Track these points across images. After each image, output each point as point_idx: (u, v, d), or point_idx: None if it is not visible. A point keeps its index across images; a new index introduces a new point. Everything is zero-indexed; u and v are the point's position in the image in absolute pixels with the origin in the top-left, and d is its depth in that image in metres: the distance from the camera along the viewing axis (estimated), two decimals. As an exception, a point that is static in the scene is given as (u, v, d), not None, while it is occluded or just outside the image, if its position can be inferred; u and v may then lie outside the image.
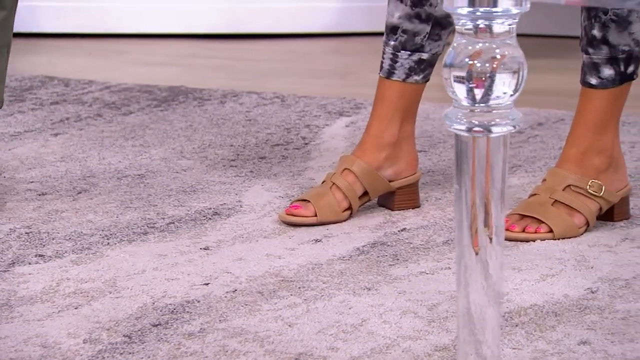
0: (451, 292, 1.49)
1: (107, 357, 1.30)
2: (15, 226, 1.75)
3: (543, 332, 1.37)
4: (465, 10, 1.09)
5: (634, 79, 1.75)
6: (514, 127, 1.13)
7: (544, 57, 3.10)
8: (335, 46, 3.49)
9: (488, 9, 1.09)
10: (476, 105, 1.11)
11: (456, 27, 1.12)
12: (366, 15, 3.65)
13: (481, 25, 1.10)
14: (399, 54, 1.80)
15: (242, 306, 1.45)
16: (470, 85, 1.10)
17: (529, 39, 3.32)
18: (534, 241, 1.68)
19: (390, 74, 1.81)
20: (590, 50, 1.73)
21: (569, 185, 1.73)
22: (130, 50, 3.35)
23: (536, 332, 1.37)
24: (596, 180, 1.74)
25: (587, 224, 1.73)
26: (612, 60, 1.72)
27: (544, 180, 1.77)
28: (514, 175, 2.04)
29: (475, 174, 1.13)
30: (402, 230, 1.75)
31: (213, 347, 1.33)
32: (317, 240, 1.71)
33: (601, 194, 1.73)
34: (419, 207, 1.86)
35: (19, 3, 1.85)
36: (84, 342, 1.34)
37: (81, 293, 1.49)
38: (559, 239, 1.69)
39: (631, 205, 1.82)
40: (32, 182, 1.99)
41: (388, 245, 1.68)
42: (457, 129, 1.12)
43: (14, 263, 1.60)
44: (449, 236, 1.71)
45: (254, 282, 1.53)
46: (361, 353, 1.31)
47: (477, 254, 1.14)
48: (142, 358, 1.30)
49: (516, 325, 1.38)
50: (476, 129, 1.11)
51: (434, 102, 2.42)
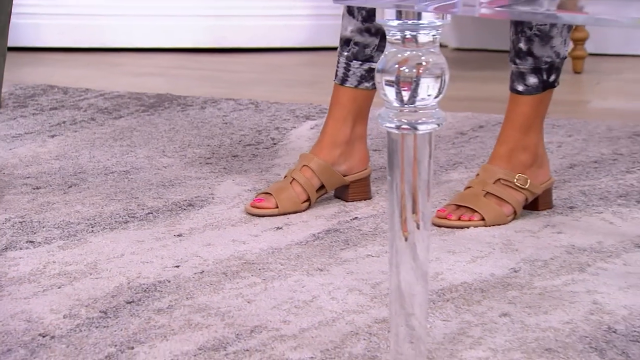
0: None
1: (84, 330, 1.31)
2: (11, 216, 1.75)
3: (470, 306, 1.37)
4: (394, 23, 1.10)
5: (555, 87, 1.76)
6: (438, 125, 1.13)
7: (485, 69, 3.11)
8: (305, 59, 3.49)
9: (414, 21, 1.10)
10: (404, 106, 1.11)
11: (387, 37, 1.13)
12: (334, 32, 3.63)
13: (408, 36, 1.10)
14: (351, 63, 1.80)
15: (208, 285, 1.46)
16: (399, 88, 1.11)
17: (474, 52, 3.35)
18: (468, 228, 1.69)
19: (343, 81, 1.82)
20: (517, 61, 1.74)
21: (499, 179, 1.74)
22: (123, 62, 3.35)
23: (464, 306, 1.38)
24: (522, 175, 1.75)
25: (515, 212, 1.74)
26: (536, 70, 1.74)
27: (478, 174, 1.78)
28: (455, 170, 2.05)
29: (404, 167, 1.14)
30: (353, 219, 1.75)
31: (179, 321, 1.33)
32: (278, 228, 1.71)
33: (527, 186, 1.75)
34: (370, 198, 1.86)
35: (24, 21, 1.85)
36: (64, 317, 1.34)
37: (65, 274, 1.50)
38: (489, 226, 1.70)
39: (554, 196, 1.83)
40: (28, 177, 1.99)
41: (340, 232, 1.69)
42: (388, 127, 1.13)
43: (6, 248, 1.60)
44: (394, 224, 1.72)
45: (219, 265, 1.54)
46: (310, 325, 1.32)
47: (406, 239, 1.15)
48: (116, 331, 1.30)
49: (447, 300, 1.39)
50: (404, 127, 1.12)
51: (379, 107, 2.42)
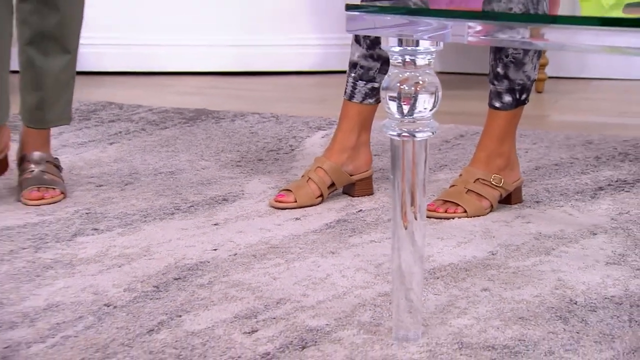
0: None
1: (140, 301, 1.31)
2: (79, 208, 1.74)
3: (457, 283, 1.37)
4: (396, 49, 1.09)
5: (525, 104, 1.75)
6: (432, 133, 1.13)
7: (464, 89, 3.09)
8: (315, 80, 3.47)
9: (412, 47, 1.09)
10: (404, 117, 1.11)
11: (390, 60, 1.12)
12: (338, 58, 3.63)
13: (407, 60, 1.10)
14: (357, 83, 1.79)
15: (240, 265, 1.45)
16: (400, 103, 1.10)
17: (455, 75, 3.35)
18: (453, 219, 1.68)
19: (351, 97, 1.80)
20: (495, 82, 1.73)
21: (478, 179, 1.73)
22: (168, 83, 3.34)
23: (452, 282, 1.37)
24: (497, 175, 1.73)
25: (492, 206, 1.72)
26: (510, 90, 1.72)
27: (460, 175, 1.77)
28: (441, 172, 2.03)
29: (405, 168, 1.13)
30: (359, 211, 1.74)
31: (218, 294, 1.33)
32: (297, 219, 1.70)
33: (501, 184, 1.73)
34: (372, 194, 1.85)
35: (88, 50, 1.85)
36: (124, 291, 1.35)
37: (124, 256, 1.49)
38: (471, 217, 1.68)
39: (523, 193, 1.81)
40: (92, 177, 1.98)
41: (348, 222, 1.67)
42: (391, 135, 1.12)
43: (76, 234, 1.60)
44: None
45: (250, 248, 1.53)
46: (325, 298, 1.31)
47: (406, 227, 1.15)
48: (166, 302, 1.30)
49: (437, 278, 1.38)
50: (404, 134, 1.11)
51: (381, 119, 2.42)
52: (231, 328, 1.21)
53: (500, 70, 1.71)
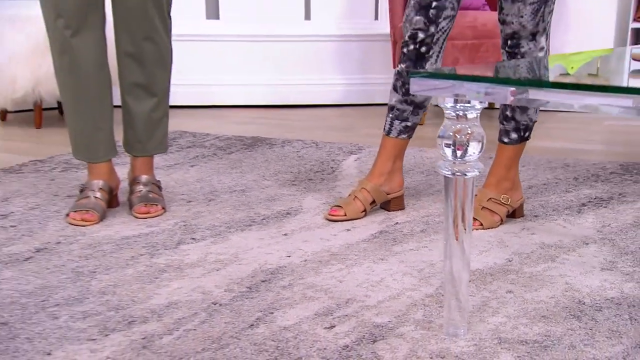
0: (429, 261, 1.46)
1: (238, 300, 1.29)
2: (177, 221, 1.73)
3: (485, 285, 1.34)
4: (451, 105, 1.08)
5: (528, 140, 1.73)
6: (478, 172, 1.11)
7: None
8: (339, 112, 3.46)
9: (464, 105, 1.08)
10: (457, 159, 1.09)
11: (445, 113, 1.10)
12: (357, 94, 3.62)
13: (460, 114, 1.08)
14: (394, 122, 1.77)
15: (311, 270, 1.43)
16: (455, 149, 1.09)
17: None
18: (472, 231, 1.65)
19: (389, 133, 1.78)
20: (504, 122, 1.71)
21: (490, 198, 1.71)
22: (226, 114, 3.34)
23: (481, 285, 1.35)
24: (505, 195, 1.72)
25: (502, 220, 1.70)
26: (516, 129, 1.70)
27: (476, 195, 1.75)
28: (454, 190, 2.01)
29: (457, 197, 1.11)
30: (396, 224, 1.72)
31: (298, 294, 1.31)
32: (348, 230, 1.68)
33: (508, 202, 1.71)
34: (404, 209, 1.83)
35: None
36: (225, 291, 1.33)
37: (219, 261, 1.47)
38: (486, 229, 1.67)
39: (524, 208, 1.80)
40: (182, 194, 1.96)
41: (389, 233, 1.65)
42: (445, 174, 1.10)
43: (179, 243, 1.58)
44: (424, 227, 1.68)
45: (316, 255, 1.51)
46: (383, 298, 1.29)
47: (457, 239, 1.13)
48: (259, 301, 1.28)
49: (470, 281, 1.36)
50: (457, 173, 1.09)
51: (410, 149, 2.41)
52: (314, 324, 1.19)
53: (508, 113, 1.70)
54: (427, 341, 1.13)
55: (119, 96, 1.79)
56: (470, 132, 1.08)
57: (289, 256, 1.51)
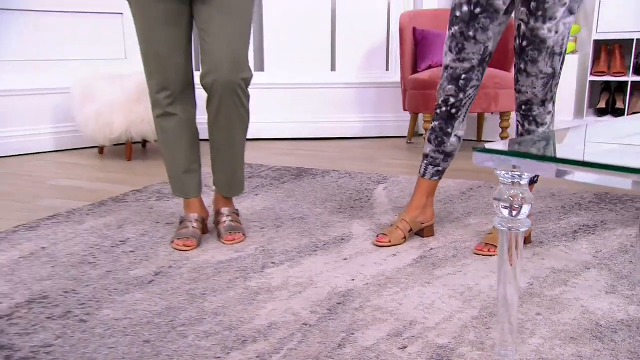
0: (467, 285, 1.41)
1: (323, 321, 1.24)
2: (257, 246, 1.69)
3: (518, 308, 1.31)
4: (509, 174, 1.06)
5: (536, 183, 1.71)
6: (527, 227, 1.09)
7: (462, 150, 3.06)
8: (359, 144, 3.43)
9: (517, 173, 1.05)
10: (512, 217, 1.07)
11: (500, 179, 1.08)
12: (374, 128, 3.60)
13: (515, 181, 1.06)
14: (428, 167, 1.73)
15: (374, 292, 1.38)
16: (511, 210, 1.06)
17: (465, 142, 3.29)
18: (494, 256, 1.62)
19: (423, 175, 1.74)
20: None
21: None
22: (270, 147, 3.30)
23: (514, 308, 1.32)
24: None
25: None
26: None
27: (494, 227, 1.72)
28: (470, 217, 1.96)
29: (511, 243, 1.08)
30: (431, 249, 1.67)
31: (369, 316, 1.26)
32: (394, 255, 1.64)
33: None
34: (434, 235, 1.80)
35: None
36: (310, 313, 1.28)
37: (299, 285, 1.43)
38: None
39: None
40: (254, 221, 1.92)
41: (427, 258, 1.61)
42: (501, 229, 1.08)
43: (263, 267, 1.53)
44: (454, 252, 1.64)
45: (374, 279, 1.46)
46: (439, 321, 1.25)
47: (511, 265, 1.10)
48: (339, 322, 1.23)
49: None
50: (512, 229, 1.07)
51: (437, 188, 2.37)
52: (389, 344, 1.15)
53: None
54: (484, 361, 1.11)
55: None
56: (523, 197, 1.06)
57: (353, 280, 1.46)
